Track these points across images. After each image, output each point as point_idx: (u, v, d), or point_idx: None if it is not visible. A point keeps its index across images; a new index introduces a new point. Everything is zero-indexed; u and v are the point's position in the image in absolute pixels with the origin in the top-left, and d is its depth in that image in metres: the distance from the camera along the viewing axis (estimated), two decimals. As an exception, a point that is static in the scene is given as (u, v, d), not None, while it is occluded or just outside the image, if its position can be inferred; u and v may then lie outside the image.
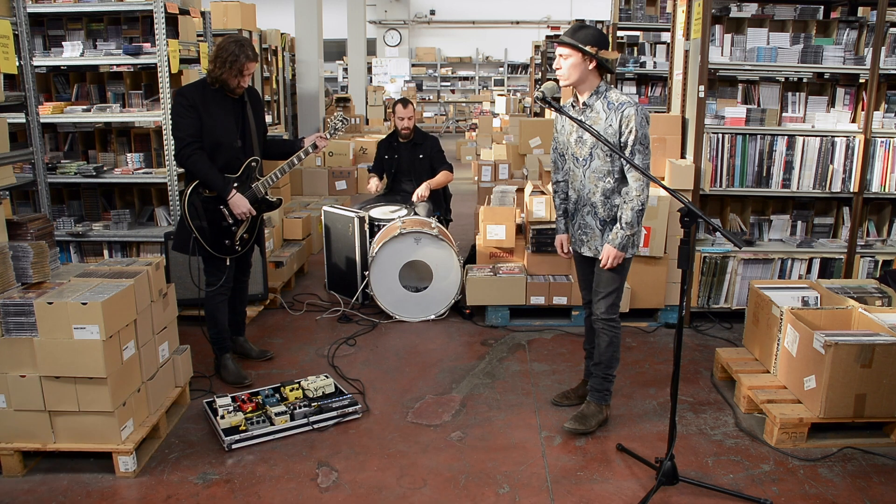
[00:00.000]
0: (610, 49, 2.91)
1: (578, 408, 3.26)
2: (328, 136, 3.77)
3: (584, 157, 3.01)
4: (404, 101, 5.28)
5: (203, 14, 5.17)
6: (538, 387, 3.60)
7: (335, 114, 3.98)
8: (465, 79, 19.13)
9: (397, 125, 5.32)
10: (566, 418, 3.20)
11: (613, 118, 2.90)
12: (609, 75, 3.07)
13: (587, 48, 2.86)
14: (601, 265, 3.01)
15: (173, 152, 3.62)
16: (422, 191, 5.05)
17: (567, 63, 2.91)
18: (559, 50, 2.94)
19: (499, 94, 14.29)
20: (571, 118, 2.89)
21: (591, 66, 2.91)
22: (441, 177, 5.21)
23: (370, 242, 4.72)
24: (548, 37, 10.29)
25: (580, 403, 3.33)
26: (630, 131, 2.87)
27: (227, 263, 3.60)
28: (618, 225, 2.95)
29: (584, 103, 2.98)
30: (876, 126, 4.22)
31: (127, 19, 4.68)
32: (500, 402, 3.46)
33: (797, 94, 4.39)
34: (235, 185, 3.49)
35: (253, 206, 3.55)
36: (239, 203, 3.47)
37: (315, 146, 3.72)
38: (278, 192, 5.77)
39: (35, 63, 4.06)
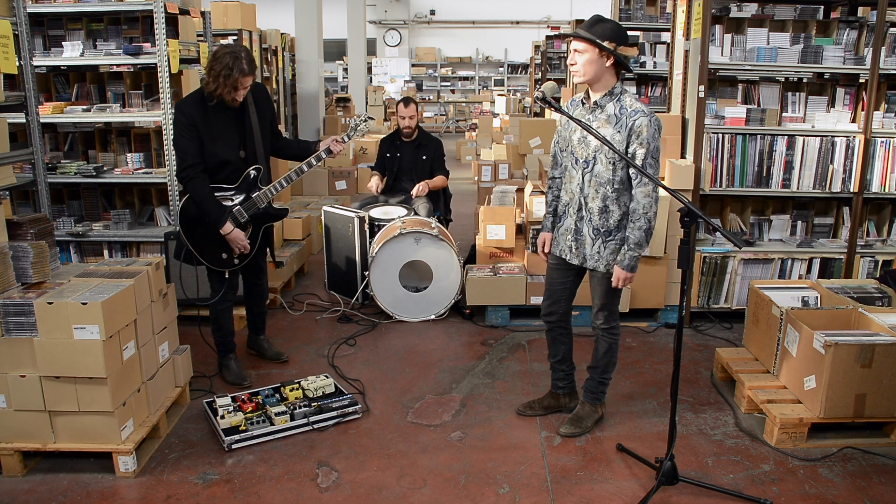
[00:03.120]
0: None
1: (544, 417, 3.26)
2: (345, 140, 3.62)
3: (587, 160, 2.85)
4: (406, 100, 5.29)
5: (203, 14, 5.17)
6: (538, 387, 3.60)
7: (355, 114, 3.93)
8: (465, 79, 19.12)
9: (399, 124, 5.33)
10: (566, 418, 3.20)
11: (623, 126, 2.74)
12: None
13: (605, 44, 2.67)
14: (613, 285, 2.90)
15: (175, 169, 3.80)
16: (421, 187, 5.13)
17: (582, 59, 2.73)
18: (574, 44, 2.75)
19: (499, 94, 14.28)
20: (573, 119, 2.75)
21: (608, 64, 2.73)
22: (438, 180, 5.33)
23: (370, 242, 4.72)
24: (548, 37, 10.27)
25: (545, 414, 3.30)
26: (641, 143, 2.71)
27: (227, 276, 3.55)
28: (625, 246, 2.81)
29: (595, 102, 2.82)
30: (876, 126, 4.22)
31: (127, 19, 4.68)
32: (500, 402, 3.46)
33: (797, 94, 4.39)
34: (234, 199, 3.41)
35: (254, 217, 3.49)
36: (237, 238, 3.40)
37: (329, 151, 3.58)
38: (279, 194, 5.75)
39: (35, 63, 4.06)
